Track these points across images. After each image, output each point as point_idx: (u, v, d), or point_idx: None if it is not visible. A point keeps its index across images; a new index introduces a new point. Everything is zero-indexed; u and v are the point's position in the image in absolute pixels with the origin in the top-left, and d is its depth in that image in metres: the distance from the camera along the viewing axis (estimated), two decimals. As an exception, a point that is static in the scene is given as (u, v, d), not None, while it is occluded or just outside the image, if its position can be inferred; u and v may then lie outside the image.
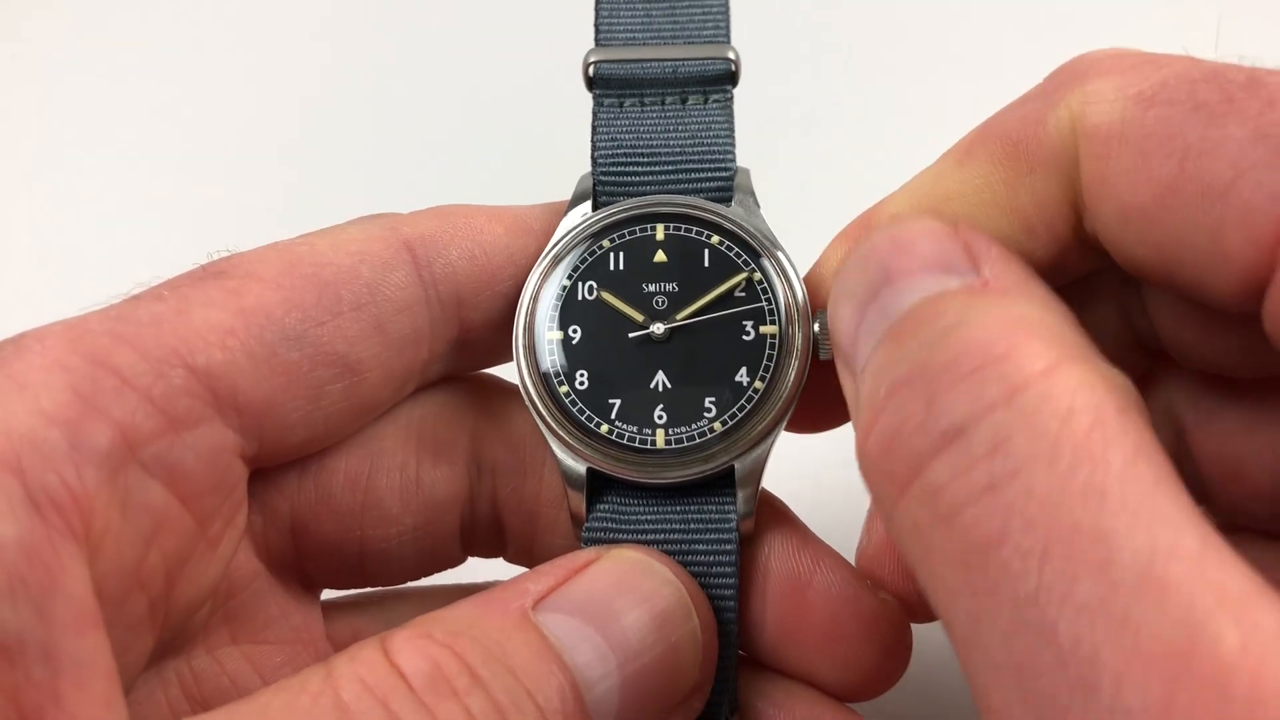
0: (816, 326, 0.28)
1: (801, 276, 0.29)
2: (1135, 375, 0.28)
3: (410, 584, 0.31)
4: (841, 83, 0.50)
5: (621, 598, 0.24)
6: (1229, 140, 0.21)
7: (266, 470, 0.27)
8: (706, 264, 0.29)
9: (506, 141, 0.50)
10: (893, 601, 0.28)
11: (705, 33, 0.31)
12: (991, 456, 0.17)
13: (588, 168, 0.30)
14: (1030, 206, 0.24)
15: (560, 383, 0.28)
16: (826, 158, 0.49)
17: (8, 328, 0.24)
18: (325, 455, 0.28)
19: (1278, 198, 0.20)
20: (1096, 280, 0.27)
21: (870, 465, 0.20)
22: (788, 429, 0.28)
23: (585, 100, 0.31)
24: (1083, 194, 0.24)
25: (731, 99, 0.30)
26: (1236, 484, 0.27)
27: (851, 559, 0.29)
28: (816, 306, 0.28)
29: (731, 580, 0.27)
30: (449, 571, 0.31)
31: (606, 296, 0.29)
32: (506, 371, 0.30)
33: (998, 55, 0.52)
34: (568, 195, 0.30)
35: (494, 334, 0.29)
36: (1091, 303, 0.28)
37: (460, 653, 0.21)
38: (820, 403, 0.28)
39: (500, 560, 0.32)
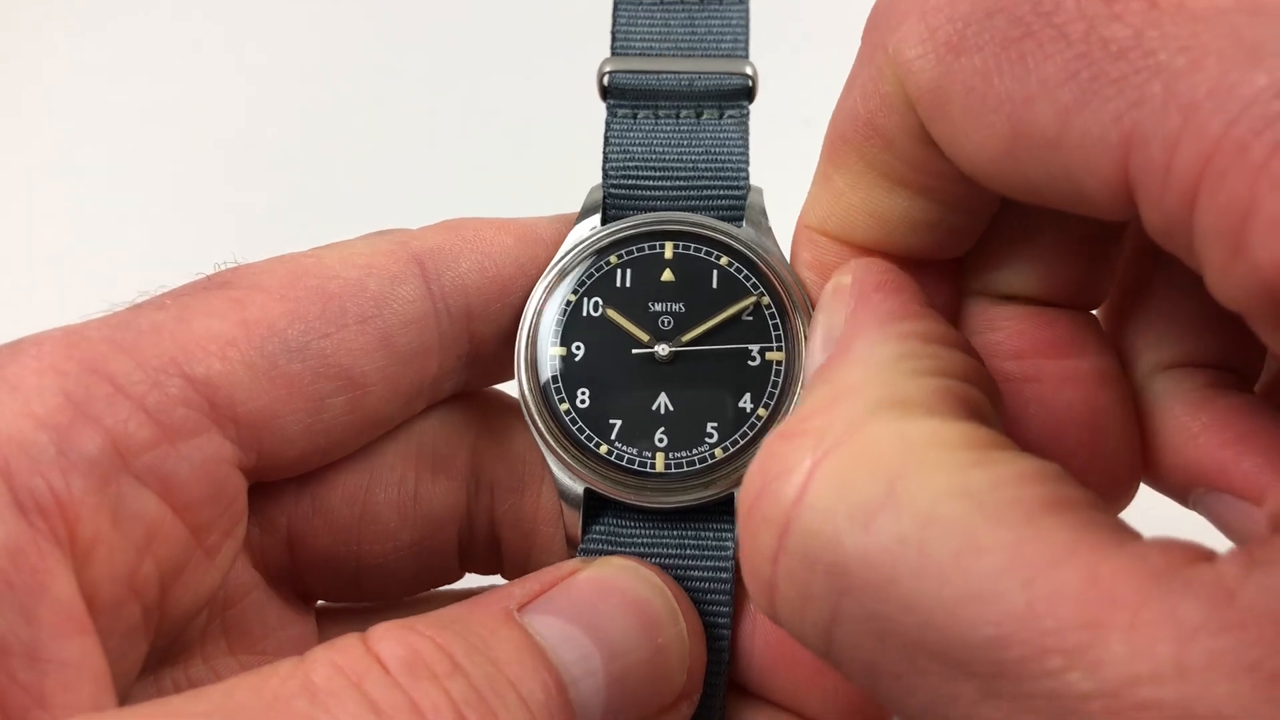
0: None
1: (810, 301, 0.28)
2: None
3: (408, 597, 0.31)
4: (841, 84, 0.49)
5: (606, 599, 0.24)
6: (1042, 85, 0.19)
7: (265, 482, 0.27)
8: (714, 286, 0.28)
9: (517, 150, 0.50)
10: None
11: (724, 46, 0.30)
12: (805, 608, 0.19)
13: (598, 179, 0.30)
14: (913, 172, 0.23)
15: (561, 400, 0.28)
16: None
17: (7, 330, 0.24)
18: (323, 468, 0.28)
19: (1104, 139, 0.18)
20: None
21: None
22: None
23: (598, 110, 0.30)
24: (943, 154, 0.22)
25: (748, 115, 0.30)
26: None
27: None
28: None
29: (726, 608, 0.26)
30: (448, 586, 0.31)
31: (612, 314, 0.28)
32: (511, 387, 0.30)
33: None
34: (577, 206, 0.30)
35: (504, 347, 0.29)
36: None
37: (441, 643, 0.21)
38: None
39: (498, 577, 0.31)
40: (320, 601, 0.31)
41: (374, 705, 0.19)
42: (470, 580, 0.31)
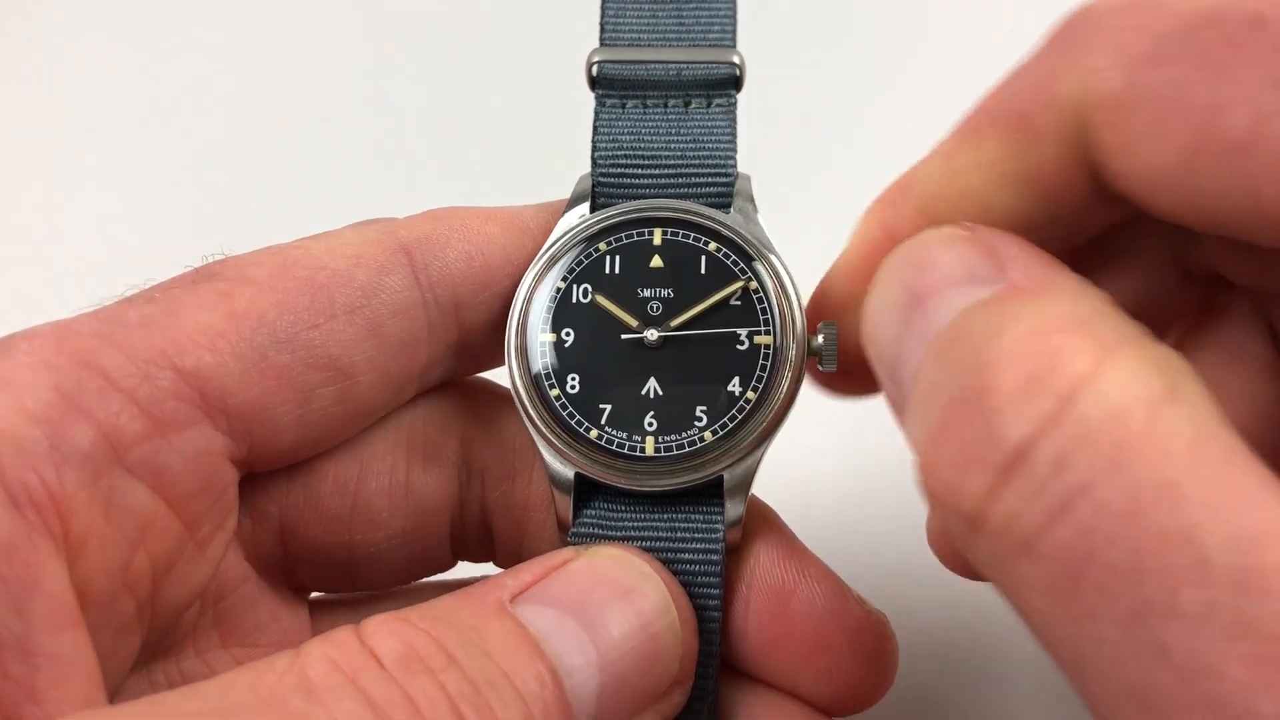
0: (821, 339, 0.27)
1: (799, 286, 0.28)
2: (1201, 302, 0.27)
3: (401, 586, 0.31)
4: (841, 83, 0.50)
5: (599, 590, 0.24)
6: (1241, 91, 0.19)
7: (255, 473, 0.27)
8: (703, 271, 0.28)
9: (507, 141, 0.50)
10: (879, 614, 0.27)
11: (711, 36, 0.30)
12: (1057, 477, 0.17)
13: (587, 168, 0.30)
14: (1046, 175, 0.23)
15: (551, 385, 0.28)
16: (826, 159, 0.48)
17: (6, 329, 0.24)
18: (314, 458, 0.28)
19: None
20: (1139, 224, 0.26)
21: (939, 505, 0.19)
22: (833, 391, 0.27)
23: (587, 100, 0.30)
24: (1100, 160, 0.22)
25: (735, 104, 0.30)
26: None
27: (840, 568, 0.28)
28: (839, 301, 0.27)
29: (717, 590, 0.27)
30: (439, 576, 0.31)
31: (601, 300, 0.28)
32: (499, 375, 0.30)
33: (1000, 57, 0.50)
34: (566, 195, 0.30)
35: (493, 335, 0.29)
36: (1137, 246, 0.26)
37: (436, 635, 0.21)
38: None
39: (491, 565, 0.31)
40: (313, 594, 0.31)
41: (370, 700, 0.19)
42: (463, 569, 0.31)
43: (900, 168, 0.26)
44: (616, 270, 0.29)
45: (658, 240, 0.29)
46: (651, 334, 0.28)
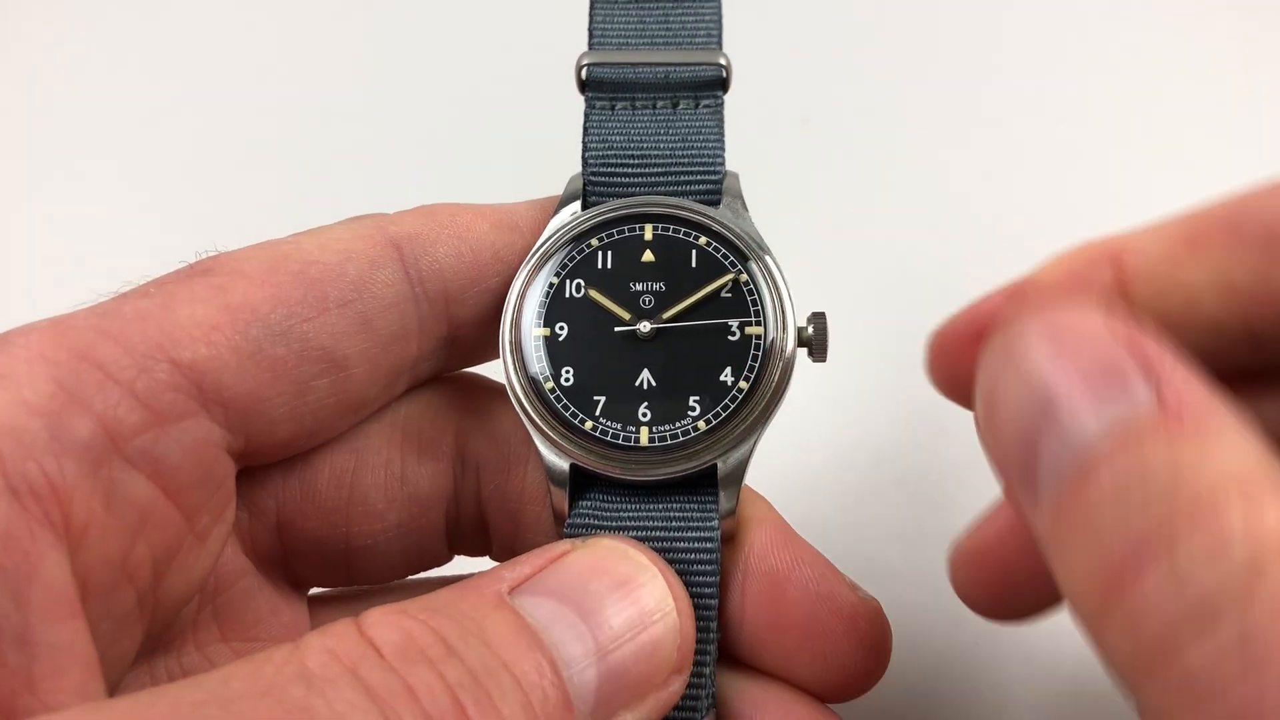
0: (811, 329, 0.28)
1: (787, 279, 0.29)
2: None
3: (397, 580, 0.31)
4: (841, 84, 0.51)
5: (597, 580, 0.24)
6: None
7: (252, 467, 0.27)
8: (693, 264, 0.29)
9: (498, 142, 0.51)
10: (872, 600, 0.28)
11: (698, 39, 0.31)
12: (1244, 643, 0.17)
13: (578, 168, 0.30)
14: (1268, 299, 0.23)
15: (546, 379, 0.28)
16: (824, 159, 0.49)
17: (6, 327, 0.24)
18: (310, 452, 0.28)
19: None
20: None
21: (1114, 637, 0.19)
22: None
23: (577, 102, 0.31)
24: None
25: (722, 104, 0.31)
26: None
27: (833, 555, 0.28)
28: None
29: (712, 579, 0.27)
30: (436, 570, 0.31)
31: (594, 294, 0.29)
32: (493, 370, 0.30)
33: (998, 58, 0.52)
34: (555, 193, 0.30)
35: (483, 330, 0.29)
36: None
37: (435, 626, 0.21)
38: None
39: (487, 559, 0.32)
40: (313, 589, 0.31)
41: (370, 690, 0.19)
42: (459, 563, 0.31)
43: (897, 168, 0.27)
44: (609, 265, 0.29)
45: (649, 235, 0.29)
46: (644, 326, 0.28)
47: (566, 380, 0.28)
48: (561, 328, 0.29)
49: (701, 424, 0.28)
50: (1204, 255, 0.23)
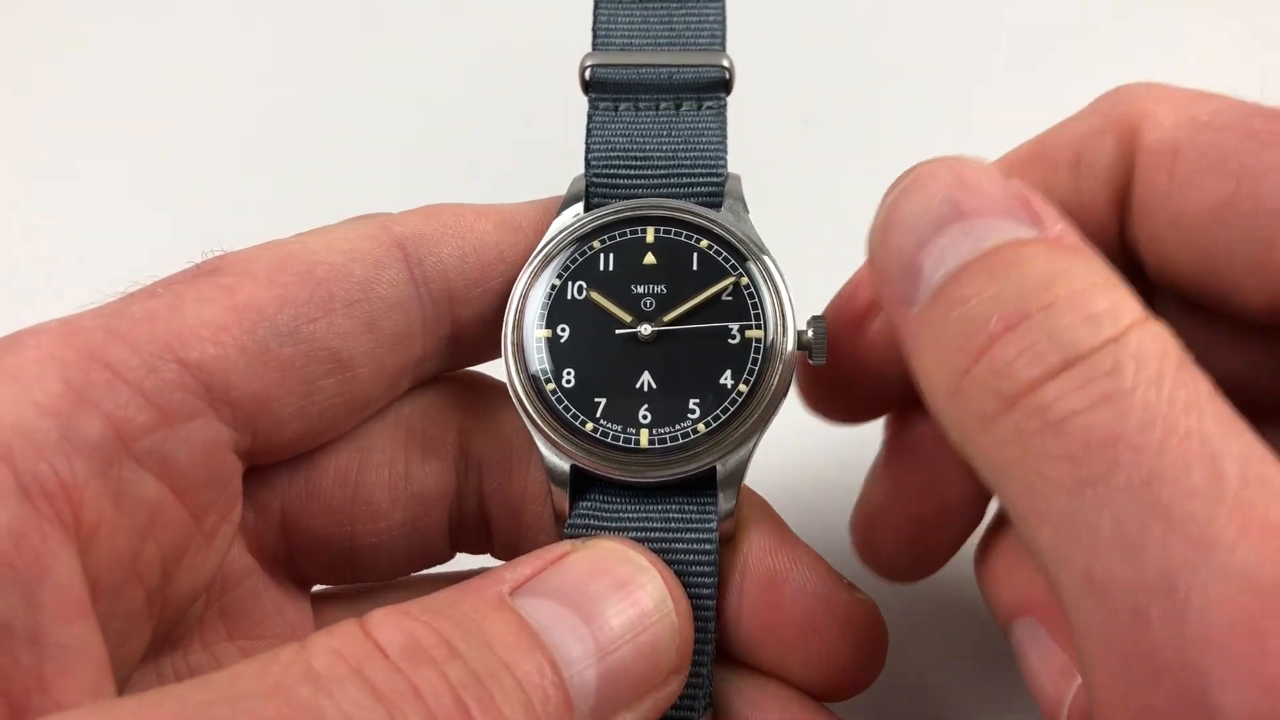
0: (811, 332, 0.28)
1: (788, 281, 0.29)
2: None
3: (400, 578, 0.31)
4: (841, 84, 0.51)
5: (597, 582, 0.24)
6: None
7: (258, 467, 0.28)
8: (695, 267, 0.29)
9: (501, 142, 0.51)
10: (868, 600, 0.28)
11: (701, 40, 0.31)
12: (1108, 376, 0.20)
13: (581, 169, 0.30)
14: (1081, 212, 0.26)
15: (547, 380, 0.28)
16: (824, 159, 0.49)
17: (7, 328, 0.24)
18: (315, 452, 0.29)
19: None
20: None
21: (974, 387, 0.22)
22: (824, 417, 0.29)
23: (580, 103, 0.31)
24: (1134, 205, 0.26)
25: (725, 106, 0.31)
26: None
27: (831, 556, 0.29)
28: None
29: (710, 580, 0.27)
30: (438, 567, 0.32)
31: (595, 296, 0.29)
32: (496, 369, 0.31)
33: (998, 59, 0.52)
34: (558, 194, 0.30)
35: (486, 330, 0.30)
36: None
37: (438, 628, 0.21)
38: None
39: (489, 556, 0.32)
40: (316, 587, 0.31)
41: (375, 690, 0.20)
42: (462, 560, 0.32)
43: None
44: (610, 267, 0.29)
45: (650, 238, 0.29)
46: (645, 329, 0.29)
47: (568, 381, 0.28)
48: (563, 329, 0.29)
49: (701, 426, 0.28)
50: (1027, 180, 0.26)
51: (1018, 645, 0.27)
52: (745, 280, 0.29)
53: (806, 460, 0.34)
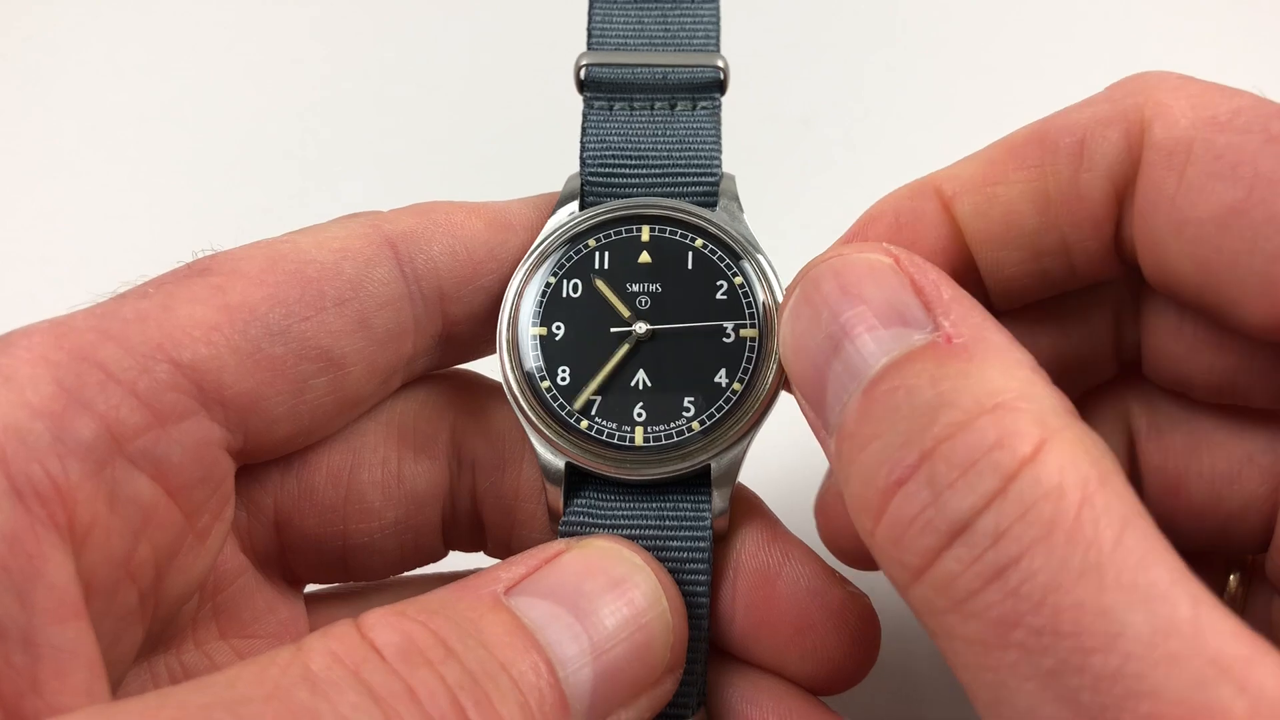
0: None
1: (783, 281, 0.29)
2: (1105, 378, 0.29)
3: (392, 577, 0.31)
4: (841, 84, 0.51)
5: (591, 581, 0.24)
6: None
7: (250, 466, 0.28)
8: (690, 266, 0.29)
9: (497, 141, 0.51)
10: (861, 595, 0.28)
11: (696, 41, 0.31)
12: (996, 546, 0.19)
13: (576, 168, 0.30)
14: (1080, 201, 0.25)
15: (542, 378, 0.28)
16: (824, 159, 0.49)
17: (7, 328, 0.24)
18: (307, 451, 0.28)
19: None
20: (1103, 286, 0.28)
21: (881, 552, 0.21)
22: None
23: (575, 102, 0.31)
24: (1137, 203, 0.25)
25: (719, 107, 0.31)
26: (1174, 499, 0.28)
27: (823, 551, 0.29)
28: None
29: (704, 577, 0.27)
30: (431, 566, 0.32)
31: (600, 285, 0.29)
32: (487, 367, 0.31)
33: (998, 59, 0.52)
34: (549, 191, 0.30)
35: (477, 328, 0.30)
36: (1089, 307, 0.28)
37: (434, 628, 0.21)
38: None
39: (482, 554, 0.32)
40: (309, 586, 0.31)
41: (373, 693, 0.20)
42: (454, 559, 0.32)
43: (897, 168, 0.27)
44: (606, 265, 0.29)
45: (646, 237, 0.30)
46: (640, 327, 0.29)
47: (563, 379, 0.28)
48: (558, 327, 0.29)
49: (696, 424, 0.28)
50: (1018, 170, 0.26)
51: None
52: (740, 279, 0.29)
53: (798, 457, 0.34)
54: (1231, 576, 0.30)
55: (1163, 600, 0.18)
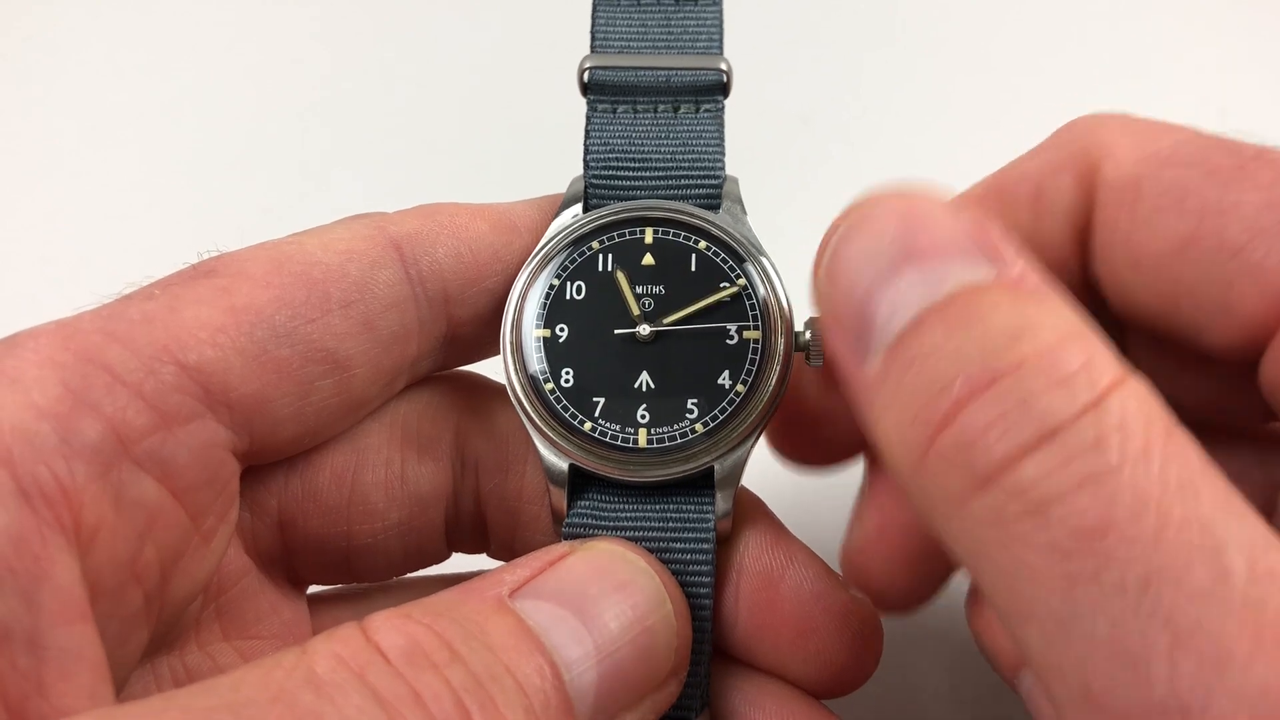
0: (809, 334, 0.28)
1: (785, 283, 0.29)
2: None
3: (396, 578, 0.31)
4: (841, 84, 0.51)
5: (596, 584, 0.24)
6: (1244, 205, 0.22)
7: (255, 467, 0.28)
8: (693, 268, 0.29)
9: (501, 144, 0.51)
10: (863, 598, 0.28)
11: (699, 43, 0.31)
12: (1092, 452, 0.18)
13: (579, 170, 0.30)
14: (1042, 250, 0.25)
15: (546, 380, 0.28)
16: (824, 159, 0.49)
17: (7, 328, 0.24)
18: (311, 452, 0.28)
19: None
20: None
21: (940, 463, 0.20)
22: (784, 457, 0.28)
23: (579, 105, 0.31)
24: (1095, 242, 0.25)
25: (722, 109, 0.31)
26: None
27: (826, 554, 0.29)
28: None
29: (708, 579, 0.28)
30: (434, 567, 0.32)
31: (620, 277, 0.29)
32: (491, 368, 0.31)
33: (997, 58, 0.52)
34: (553, 193, 0.31)
35: (482, 329, 0.30)
36: None
37: (439, 631, 0.21)
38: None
39: (484, 556, 0.32)
40: (311, 588, 0.31)
41: (378, 696, 0.20)
42: (457, 560, 0.32)
43: (897, 168, 0.27)
44: (609, 268, 0.29)
45: (649, 239, 0.30)
46: (644, 329, 0.29)
47: (566, 381, 0.28)
48: (562, 329, 0.29)
49: (699, 426, 0.28)
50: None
51: (1029, 697, 0.25)
52: (743, 281, 0.29)
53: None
54: None
55: (1257, 524, 0.18)
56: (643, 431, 0.28)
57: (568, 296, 0.29)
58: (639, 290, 0.29)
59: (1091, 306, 0.26)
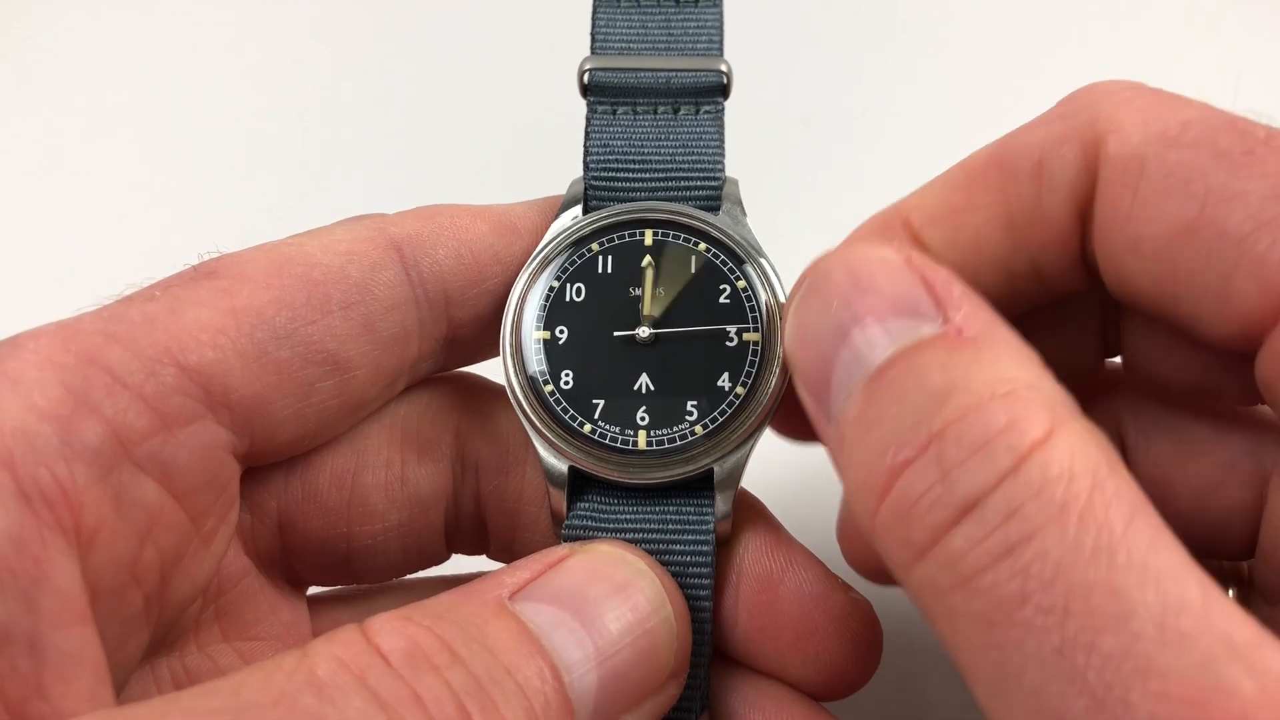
0: None
1: (786, 284, 0.29)
2: (1094, 385, 0.29)
3: (395, 579, 0.31)
4: (841, 83, 0.51)
5: (596, 586, 0.24)
6: (1250, 192, 0.22)
7: (255, 468, 0.28)
8: (693, 270, 0.29)
9: (501, 145, 0.51)
10: (863, 601, 0.28)
11: (699, 45, 0.31)
12: (1007, 524, 0.19)
13: (579, 172, 0.30)
14: (1043, 222, 0.25)
15: (545, 382, 0.28)
16: (824, 159, 0.49)
17: (7, 328, 0.24)
18: (311, 453, 0.29)
19: None
20: (1085, 295, 0.28)
21: (884, 533, 0.21)
22: (781, 435, 0.28)
23: (579, 106, 0.31)
24: (1095, 219, 0.25)
25: (723, 111, 0.31)
26: (1162, 507, 0.28)
27: (826, 556, 0.29)
28: None
29: (708, 581, 0.28)
30: (433, 568, 0.32)
31: (647, 271, 0.29)
32: (491, 369, 0.31)
33: (998, 58, 0.52)
34: (553, 195, 0.31)
35: (482, 331, 0.30)
36: (1074, 315, 0.29)
37: (440, 633, 0.21)
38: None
39: (484, 557, 0.32)
40: (311, 589, 0.31)
41: (379, 698, 0.20)
42: (457, 562, 0.32)
43: (897, 168, 0.27)
44: (609, 270, 0.29)
45: (649, 241, 0.30)
46: (643, 331, 0.29)
47: (566, 383, 0.28)
48: (561, 331, 0.29)
49: (699, 428, 0.28)
50: (981, 196, 0.26)
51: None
52: (743, 283, 0.29)
53: (801, 461, 0.34)
54: (1230, 591, 0.30)
55: (1174, 581, 0.18)
56: (642, 433, 0.28)
57: (568, 298, 0.29)
58: (638, 292, 0.29)
59: (1090, 285, 0.26)
